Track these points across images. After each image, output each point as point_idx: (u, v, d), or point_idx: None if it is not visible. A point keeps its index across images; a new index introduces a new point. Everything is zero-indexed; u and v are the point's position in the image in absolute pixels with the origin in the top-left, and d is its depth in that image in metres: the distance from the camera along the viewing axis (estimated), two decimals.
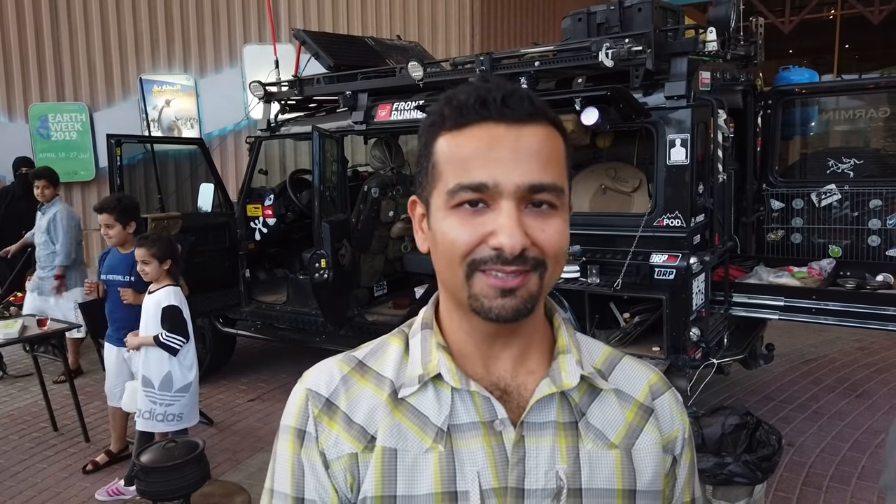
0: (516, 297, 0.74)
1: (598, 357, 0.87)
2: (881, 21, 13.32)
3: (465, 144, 0.74)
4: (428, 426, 0.78)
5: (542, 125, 0.76)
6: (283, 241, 5.57)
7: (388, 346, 0.86)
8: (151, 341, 3.46)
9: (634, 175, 4.11)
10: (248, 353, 6.04)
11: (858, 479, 3.61)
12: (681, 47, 3.53)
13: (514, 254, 0.72)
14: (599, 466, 0.80)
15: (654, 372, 0.90)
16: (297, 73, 5.21)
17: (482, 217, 0.73)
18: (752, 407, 4.39)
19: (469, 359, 0.81)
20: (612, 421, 0.82)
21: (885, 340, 5.65)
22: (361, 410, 0.80)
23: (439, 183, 0.76)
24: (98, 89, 9.94)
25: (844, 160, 4.40)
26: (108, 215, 3.82)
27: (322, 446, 0.80)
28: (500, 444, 0.78)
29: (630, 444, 0.82)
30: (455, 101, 0.76)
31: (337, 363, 0.85)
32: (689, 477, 0.88)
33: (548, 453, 0.78)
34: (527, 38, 11.79)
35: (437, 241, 0.77)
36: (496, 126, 0.73)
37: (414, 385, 0.80)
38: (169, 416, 3.51)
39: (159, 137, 8.77)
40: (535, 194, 0.73)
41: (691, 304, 3.47)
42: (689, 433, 0.89)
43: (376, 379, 0.83)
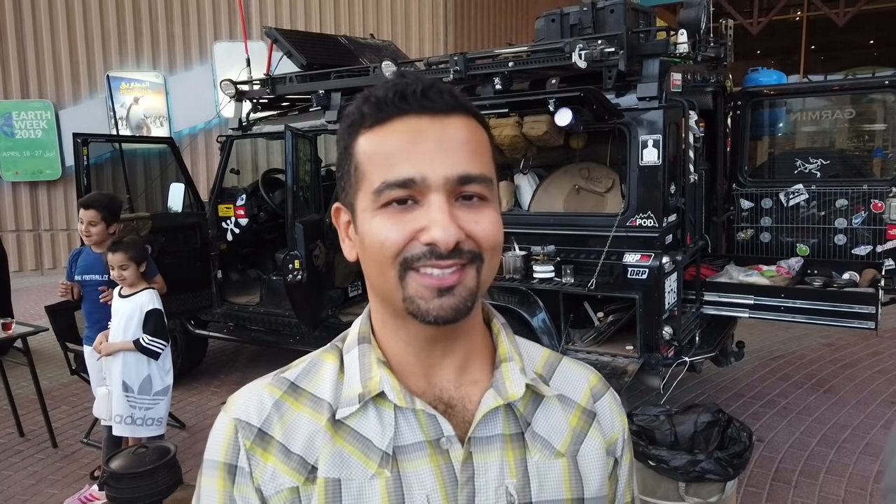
0: (454, 296, 0.70)
1: (537, 361, 0.85)
2: (845, 23, 13.62)
3: (386, 140, 0.71)
4: (371, 450, 0.74)
5: (466, 117, 0.73)
6: (255, 241, 5.51)
7: (322, 364, 0.80)
8: (130, 346, 3.40)
9: (608, 175, 4.14)
10: (220, 356, 5.97)
11: (826, 473, 3.69)
12: (652, 49, 3.57)
13: (449, 247, 0.68)
14: (547, 477, 0.78)
15: (593, 373, 0.88)
16: (269, 72, 5.15)
17: (411, 214, 0.70)
18: (724, 404, 4.46)
19: (410, 372, 0.77)
20: (557, 428, 0.80)
21: (852, 337, 5.78)
22: (299, 438, 0.74)
23: (363, 184, 0.72)
24: (64, 86, 9.74)
25: (811, 160, 4.49)
26: (95, 212, 3.66)
27: (258, 482, 0.73)
28: (447, 464, 0.74)
29: (575, 450, 0.81)
30: (373, 97, 0.73)
31: (266, 387, 0.79)
32: (629, 478, 0.87)
33: (496, 469, 0.76)
34: (501, 38, 11.83)
35: (366, 245, 0.73)
36: (418, 119, 0.71)
37: (353, 405, 0.75)
38: (148, 420, 3.46)
39: (127, 137, 8.62)
40: (464, 186, 0.70)
41: (664, 302, 3.51)
42: (628, 434, 0.88)
43: (312, 402, 0.77)
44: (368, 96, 0.74)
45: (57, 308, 4.57)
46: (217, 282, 5.20)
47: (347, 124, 0.75)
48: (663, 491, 2.87)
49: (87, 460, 4.09)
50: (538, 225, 3.98)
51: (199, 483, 0.78)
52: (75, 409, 4.86)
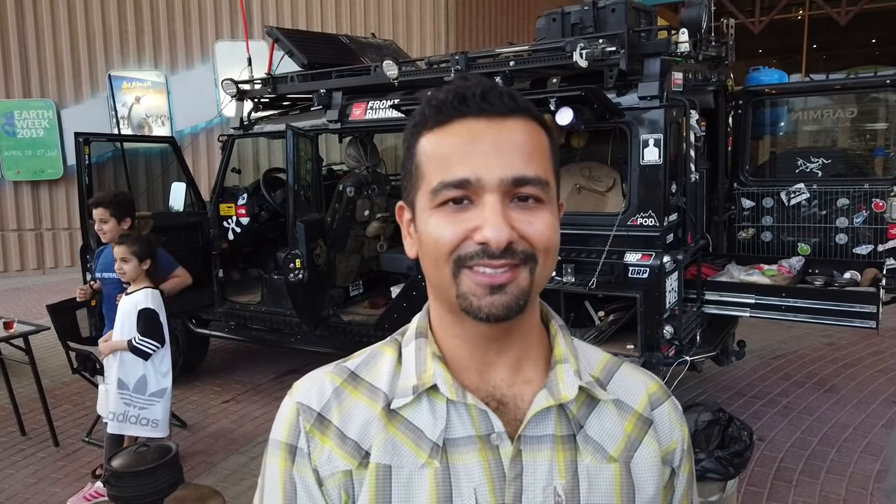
0: (506, 294, 0.72)
1: (596, 365, 0.85)
2: (847, 22, 13.60)
3: (445, 142, 0.73)
4: (423, 441, 0.76)
5: (524, 120, 0.75)
6: (256, 240, 5.51)
7: (381, 355, 0.83)
8: (124, 346, 3.40)
9: (609, 174, 4.14)
10: (222, 354, 5.98)
11: (827, 472, 3.69)
12: (654, 48, 3.56)
13: (500, 247, 0.70)
14: (598, 481, 0.78)
15: (654, 380, 0.88)
16: (270, 71, 5.16)
17: (466, 213, 0.72)
18: (724, 403, 4.46)
19: (464, 368, 0.79)
20: (611, 433, 0.80)
21: (853, 336, 5.77)
22: (355, 425, 0.78)
23: (422, 183, 0.75)
24: (66, 86, 9.75)
25: (813, 159, 4.48)
26: (103, 210, 3.75)
27: (315, 463, 0.77)
28: (496, 459, 0.76)
29: (629, 457, 0.80)
30: (435, 100, 0.75)
31: (328, 374, 0.82)
32: (688, 489, 0.86)
33: (546, 468, 0.76)
34: (502, 37, 11.82)
35: (423, 242, 0.75)
36: (476, 121, 0.73)
37: (408, 396, 0.77)
38: (143, 419, 3.46)
39: (129, 136, 8.63)
40: (519, 188, 0.72)
41: (665, 302, 3.51)
42: (689, 444, 0.87)
43: (370, 391, 0.80)
44: (431, 99, 0.76)
45: (58, 307, 4.57)
46: (218, 281, 5.20)
47: (412, 125, 0.78)
48: None
49: (88, 459, 4.10)
50: None
51: (264, 461, 0.82)
52: (77, 408, 4.87)
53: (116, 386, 3.43)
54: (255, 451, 4.15)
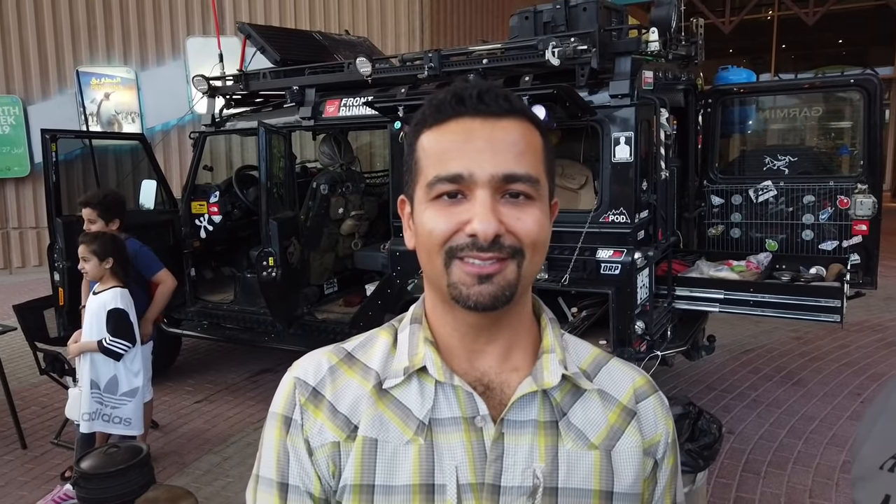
0: (493, 284, 0.76)
1: (584, 358, 0.89)
2: (815, 22, 13.86)
3: (442, 139, 0.78)
4: (410, 418, 0.80)
5: (519, 120, 0.79)
6: (229, 238, 5.45)
7: (377, 338, 0.88)
8: (94, 347, 3.35)
9: (581, 172, 4.17)
10: (194, 354, 5.92)
11: (794, 464, 3.77)
12: (624, 47, 3.60)
13: (488, 239, 0.74)
14: (578, 466, 0.81)
15: (641, 375, 0.91)
16: (242, 68, 5.11)
17: (459, 207, 0.76)
18: (695, 397, 4.53)
19: (454, 353, 0.83)
20: (594, 422, 0.83)
21: (819, 330, 5.90)
22: (346, 400, 0.82)
23: (420, 178, 0.79)
24: (32, 81, 9.54)
25: (780, 157, 4.56)
26: (90, 210, 3.74)
27: (307, 434, 0.81)
28: (479, 440, 0.79)
29: (610, 445, 0.83)
30: (435, 100, 0.80)
31: (326, 354, 0.87)
32: (671, 481, 0.88)
33: (526, 451, 0.79)
34: (475, 35, 11.84)
35: (419, 234, 0.80)
36: (472, 120, 0.77)
37: (399, 377, 0.81)
38: (115, 418, 3.42)
39: (98, 133, 8.48)
40: (510, 184, 0.76)
41: (636, 297, 3.55)
42: (674, 437, 0.89)
43: (363, 370, 0.85)
44: (432, 99, 0.81)
45: (26, 307, 4.49)
46: (190, 280, 5.14)
47: (414, 123, 0.83)
48: None
49: (57, 461, 4.03)
50: None
51: (262, 432, 0.87)
52: (45, 410, 4.78)
53: (89, 386, 3.38)
54: (228, 451, 4.12)
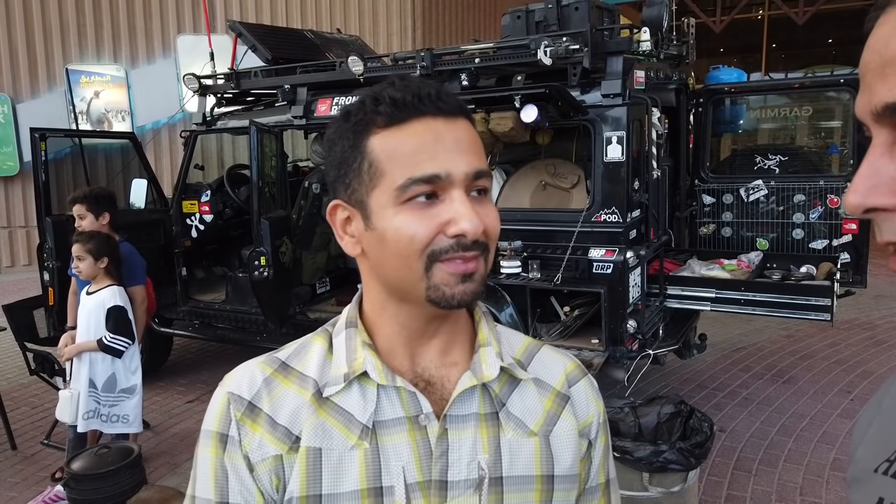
0: (474, 282, 0.77)
1: (517, 348, 0.90)
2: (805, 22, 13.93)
3: (408, 139, 0.75)
4: (353, 423, 0.79)
5: (466, 119, 0.79)
6: (221, 238, 5.43)
7: (312, 345, 0.86)
8: (94, 346, 3.34)
9: (573, 171, 4.18)
10: (186, 354, 5.89)
11: (785, 461, 3.79)
12: (616, 46, 3.61)
13: (476, 238, 0.75)
14: (519, 454, 0.83)
15: (571, 360, 0.94)
16: (233, 66, 5.08)
17: (435, 209, 0.75)
18: (687, 395, 4.55)
19: (395, 353, 0.83)
20: (531, 409, 0.85)
21: (810, 328, 5.93)
22: (285, 411, 0.80)
23: (382, 181, 0.76)
24: (21, 79, 9.47)
25: (771, 157, 4.59)
26: (80, 205, 3.74)
27: (246, 449, 0.79)
28: (424, 438, 0.79)
29: (548, 431, 0.85)
30: (388, 98, 0.76)
31: (259, 365, 0.85)
32: (604, 459, 0.92)
33: (470, 444, 0.80)
34: (467, 34, 11.84)
35: (388, 240, 0.76)
36: (434, 120, 0.76)
37: (339, 384, 0.80)
38: (113, 416, 3.41)
39: (87, 131, 8.42)
40: (476, 181, 0.77)
41: (628, 296, 3.56)
42: (604, 417, 0.93)
43: (300, 379, 0.83)
44: (380, 98, 0.77)
45: (15, 307, 4.46)
46: (182, 279, 5.12)
47: (352, 123, 0.78)
48: (627, 482, 2.91)
49: (47, 462, 4.00)
50: (505, 220, 3.90)
51: (196, 452, 0.83)
52: (35, 411, 4.75)
53: (87, 385, 3.37)
54: None
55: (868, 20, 0.52)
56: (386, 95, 0.76)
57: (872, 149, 0.52)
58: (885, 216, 0.52)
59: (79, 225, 3.77)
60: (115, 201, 3.97)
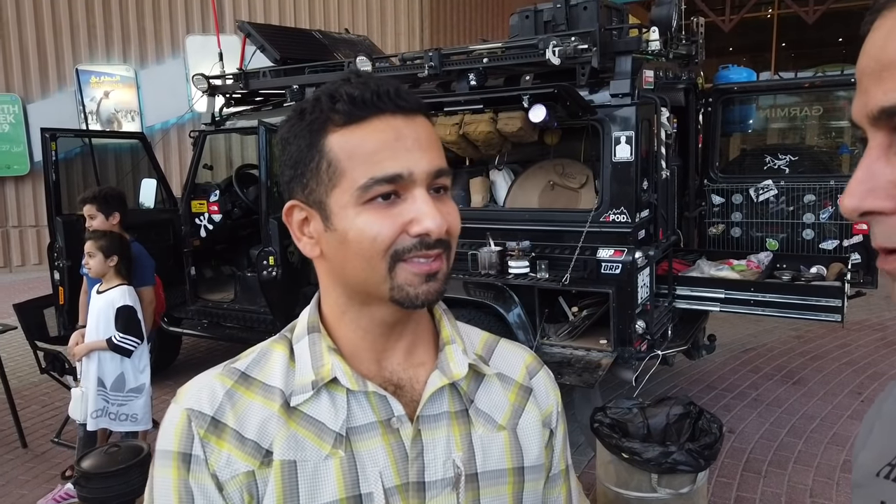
0: (437, 280, 0.76)
1: (477, 343, 0.91)
2: (815, 21, 13.84)
3: (368, 138, 0.73)
4: (325, 433, 0.77)
5: (424, 116, 0.78)
6: (229, 237, 5.45)
7: (271, 353, 0.83)
8: (103, 345, 3.36)
9: (581, 171, 4.17)
10: (195, 353, 5.92)
11: (795, 463, 3.77)
12: (625, 46, 3.60)
13: (440, 237, 0.74)
14: (491, 449, 0.83)
15: (528, 353, 0.95)
16: (242, 66, 5.10)
17: (397, 208, 0.74)
18: (695, 396, 4.53)
19: (361, 358, 0.81)
20: (498, 404, 0.86)
21: (820, 329, 5.90)
22: (252, 425, 0.77)
23: (343, 181, 0.74)
24: (32, 80, 9.53)
25: (780, 156, 4.56)
26: (90, 205, 3.79)
27: (213, 468, 0.75)
28: (398, 441, 0.79)
29: (515, 424, 0.86)
30: (345, 95, 0.74)
31: (217, 377, 0.81)
32: (564, 447, 0.94)
33: (444, 443, 0.80)
34: (475, 34, 11.83)
35: (350, 240, 0.74)
36: (394, 118, 0.74)
37: (307, 392, 0.78)
38: (122, 415, 3.43)
39: (97, 131, 8.47)
40: (437, 179, 0.76)
41: (637, 297, 3.55)
42: (561, 406, 0.94)
43: (263, 390, 0.79)
44: (336, 95, 0.74)
45: (26, 306, 4.49)
46: (191, 279, 5.14)
47: (308, 122, 0.76)
48: (636, 483, 2.91)
49: (57, 460, 4.03)
50: (513, 220, 3.99)
51: (151, 475, 0.78)
52: (45, 409, 4.78)
53: (96, 384, 3.39)
54: None
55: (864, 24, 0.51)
56: (343, 93, 0.74)
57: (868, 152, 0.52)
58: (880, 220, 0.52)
59: (89, 225, 3.79)
60: (124, 201, 4.00)
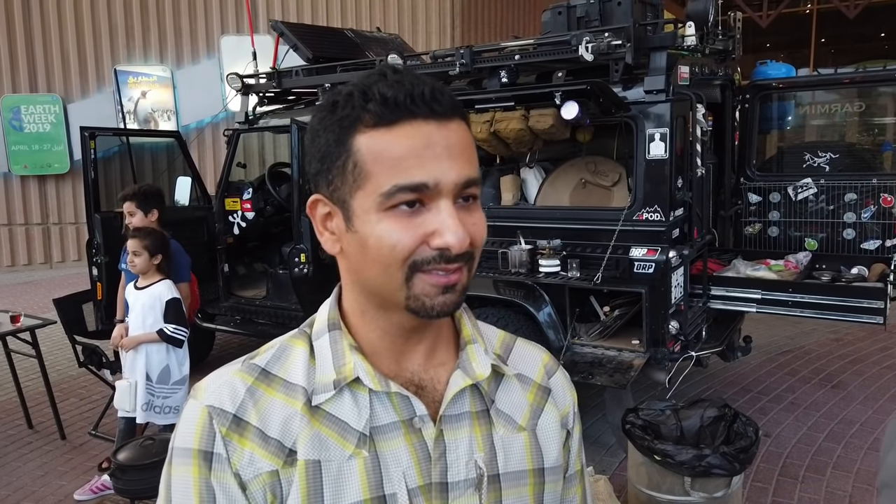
0: (455, 293, 0.74)
1: (496, 342, 0.90)
2: (856, 15, 13.50)
3: (397, 143, 0.71)
4: (348, 432, 0.76)
5: (460, 120, 0.75)
6: (262, 235, 5.52)
7: (292, 349, 0.81)
8: (153, 338, 3.45)
9: (614, 169, 4.12)
10: (227, 349, 6.00)
11: (834, 469, 3.67)
12: (660, 41, 3.54)
13: (462, 252, 0.72)
14: (512, 450, 0.82)
15: (545, 352, 0.94)
16: (275, 65, 5.15)
17: (420, 217, 0.71)
18: (730, 398, 4.45)
19: (381, 357, 0.80)
20: (518, 404, 0.85)
21: (860, 332, 5.74)
22: (275, 423, 0.75)
23: (367, 184, 0.72)
24: (72, 80, 9.77)
25: (820, 154, 4.45)
26: (129, 203, 3.88)
27: (236, 467, 0.73)
28: (421, 442, 0.78)
29: (534, 424, 0.86)
30: (378, 95, 0.71)
31: (237, 374, 0.79)
32: (579, 448, 0.93)
33: (466, 444, 0.80)
34: (507, 31, 11.79)
35: (370, 246, 0.73)
36: (426, 123, 0.71)
37: (329, 391, 0.76)
38: (166, 408, 3.51)
39: (135, 130, 8.65)
40: (466, 189, 0.73)
41: (670, 297, 3.49)
42: (577, 407, 0.93)
43: (285, 387, 0.78)
44: (369, 93, 0.72)
45: (65, 301, 4.59)
46: (224, 275, 5.21)
47: (340, 117, 0.73)
48: (668, 485, 2.86)
49: (94, 452, 4.12)
50: (544, 219, 3.96)
51: (167, 473, 0.76)
52: (83, 402, 4.89)
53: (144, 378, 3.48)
54: None
55: None
56: (377, 92, 0.71)
57: None
58: None
59: (129, 222, 3.87)
60: (162, 198, 4.07)
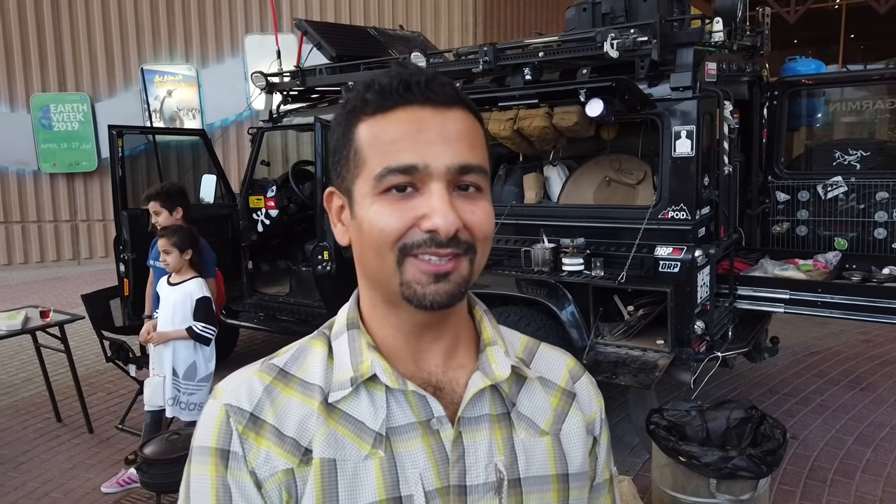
0: (449, 282, 0.72)
1: (518, 346, 0.89)
2: (887, 11, 13.21)
3: (390, 128, 0.72)
4: (365, 432, 0.75)
5: (464, 110, 0.75)
6: (285, 232, 5.55)
7: (310, 350, 0.81)
8: (181, 334, 3.49)
9: (639, 167, 4.08)
10: (251, 346, 6.05)
11: (863, 472, 3.61)
12: (687, 38, 3.49)
13: (449, 235, 0.70)
14: (534, 454, 0.81)
15: (570, 357, 0.92)
16: (298, 64, 5.18)
17: (412, 201, 0.72)
18: (757, 400, 4.38)
19: (399, 357, 0.79)
20: (540, 408, 0.84)
21: (890, 333, 5.63)
22: (291, 422, 0.75)
23: (363, 170, 0.73)
24: (100, 79, 9.92)
25: (851, 152, 4.36)
26: (154, 202, 3.93)
27: (252, 465, 0.74)
28: (438, 443, 0.77)
29: (558, 429, 0.84)
30: (377, 85, 0.74)
31: (256, 373, 0.79)
32: (608, 455, 0.91)
33: (486, 447, 0.78)
34: (530, 29, 11.73)
35: (364, 230, 0.74)
36: (421, 109, 0.72)
37: (346, 389, 0.76)
38: (191, 405, 3.55)
39: (161, 128, 8.75)
40: (463, 176, 0.72)
41: (696, 297, 3.45)
42: (605, 414, 0.91)
43: (302, 387, 0.78)
44: (371, 84, 0.74)
45: (93, 297, 4.67)
46: (248, 272, 5.26)
47: (347, 110, 0.76)
48: (694, 487, 2.83)
49: (122, 446, 4.18)
50: (568, 217, 3.93)
51: (187, 472, 0.77)
52: (111, 396, 4.97)
53: (171, 374, 3.53)
54: None
55: None
56: (376, 82, 0.74)
57: None
58: None
59: (155, 221, 3.93)
60: (186, 196, 4.11)
